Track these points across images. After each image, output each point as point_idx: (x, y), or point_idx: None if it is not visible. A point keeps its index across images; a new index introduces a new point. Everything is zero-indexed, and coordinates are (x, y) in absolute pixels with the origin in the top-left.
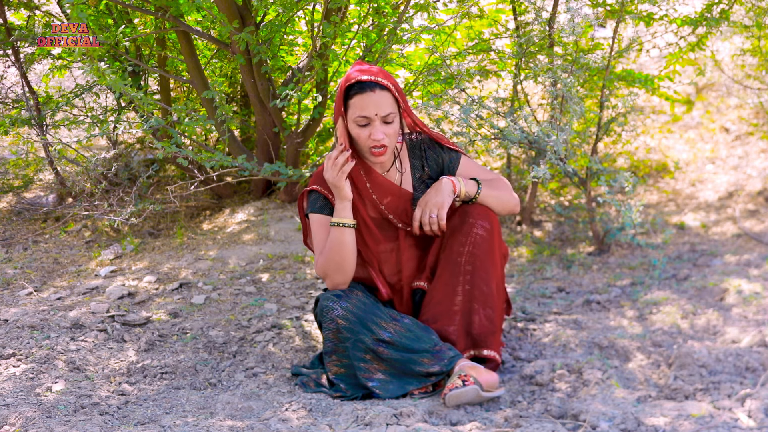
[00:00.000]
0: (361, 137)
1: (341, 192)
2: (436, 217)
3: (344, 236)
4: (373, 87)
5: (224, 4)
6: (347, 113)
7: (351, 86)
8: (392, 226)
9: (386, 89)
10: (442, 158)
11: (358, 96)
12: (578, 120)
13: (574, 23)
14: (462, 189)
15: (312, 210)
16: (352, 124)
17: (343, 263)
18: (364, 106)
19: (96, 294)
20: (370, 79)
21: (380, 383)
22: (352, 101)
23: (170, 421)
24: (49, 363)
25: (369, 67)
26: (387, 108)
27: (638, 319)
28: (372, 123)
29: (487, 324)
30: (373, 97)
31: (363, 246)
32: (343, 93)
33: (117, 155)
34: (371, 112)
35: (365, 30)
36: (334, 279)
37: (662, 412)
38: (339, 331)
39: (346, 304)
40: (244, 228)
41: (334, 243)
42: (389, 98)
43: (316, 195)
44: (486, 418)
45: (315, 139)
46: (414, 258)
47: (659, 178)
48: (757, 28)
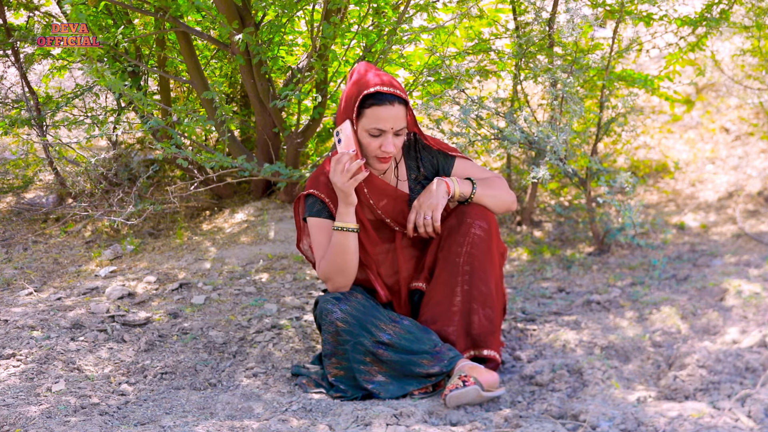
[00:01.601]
0: (371, 146)
1: (348, 198)
2: (430, 219)
3: (347, 240)
4: (392, 100)
5: (224, 4)
6: (360, 120)
7: (369, 96)
8: (389, 228)
9: (403, 103)
10: (436, 159)
11: (376, 107)
12: (578, 120)
13: (573, 24)
14: (456, 189)
15: (310, 214)
16: (363, 132)
17: (346, 266)
18: (381, 118)
19: (96, 294)
20: (390, 92)
21: (380, 385)
22: (369, 111)
23: (170, 421)
24: (49, 363)
25: (382, 73)
26: (402, 122)
27: (638, 319)
28: (385, 135)
29: (487, 324)
30: (391, 111)
31: (360, 249)
32: (360, 100)
33: (117, 155)
34: (387, 125)
35: (365, 30)
36: (336, 282)
37: (662, 412)
38: (338, 334)
39: (346, 307)
40: (244, 228)
41: (337, 247)
42: (404, 112)
43: (313, 199)
44: (486, 418)
45: (315, 139)
46: (411, 258)
47: (659, 178)
48: (756, 28)
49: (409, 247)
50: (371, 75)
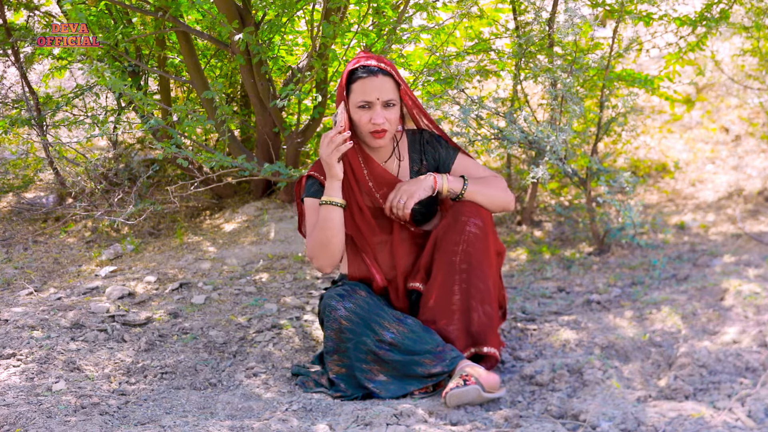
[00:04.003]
0: (362, 121)
1: (332, 170)
2: (403, 204)
3: (332, 214)
4: (375, 72)
5: (224, 4)
6: (349, 98)
7: (354, 71)
8: (387, 218)
9: (388, 75)
10: (439, 153)
11: (361, 81)
12: (578, 120)
13: (572, 23)
14: (444, 185)
15: (307, 195)
16: (354, 109)
17: (329, 243)
18: (366, 90)
19: (96, 294)
20: (372, 65)
21: (381, 384)
22: (355, 85)
23: (170, 421)
24: (49, 363)
25: (372, 55)
26: (388, 93)
27: (638, 319)
28: (373, 107)
29: (486, 321)
30: (375, 81)
31: (357, 233)
32: (346, 78)
33: (117, 155)
34: (373, 96)
35: (365, 30)
36: (319, 260)
37: (662, 412)
38: (341, 332)
39: (350, 305)
40: (244, 228)
41: (323, 221)
42: (391, 84)
43: (312, 180)
44: (486, 418)
45: (315, 139)
46: (409, 254)
47: (659, 178)
48: (756, 28)
49: (407, 241)
50: (358, 57)
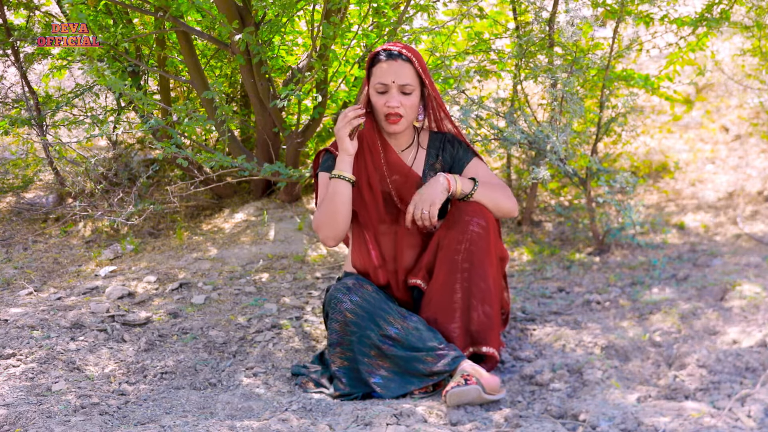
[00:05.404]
0: (378, 104)
1: (343, 143)
2: (428, 214)
3: (341, 187)
4: (395, 57)
5: (224, 4)
6: (370, 81)
7: (376, 54)
8: (395, 206)
9: (408, 61)
10: (457, 153)
11: (380, 64)
12: (578, 120)
13: (572, 25)
14: (458, 186)
15: (321, 169)
16: (372, 91)
17: (336, 215)
18: (383, 73)
19: (96, 294)
20: (394, 50)
21: (382, 380)
22: (375, 68)
23: (170, 421)
24: (49, 363)
25: (400, 43)
26: (406, 78)
27: (638, 319)
28: (389, 90)
29: (486, 320)
30: (393, 65)
31: (363, 209)
32: (369, 61)
33: (117, 155)
34: (389, 79)
35: (365, 30)
36: (324, 230)
37: (662, 412)
38: (346, 324)
39: (356, 298)
40: (244, 228)
41: (331, 194)
42: (410, 70)
43: (328, 155)
44: (486, 418)
45: (315, 139)
46: (413, 247)
47: (659, 178)
48: (757, 28)
49: (412, 235)
50: (389, 43)
